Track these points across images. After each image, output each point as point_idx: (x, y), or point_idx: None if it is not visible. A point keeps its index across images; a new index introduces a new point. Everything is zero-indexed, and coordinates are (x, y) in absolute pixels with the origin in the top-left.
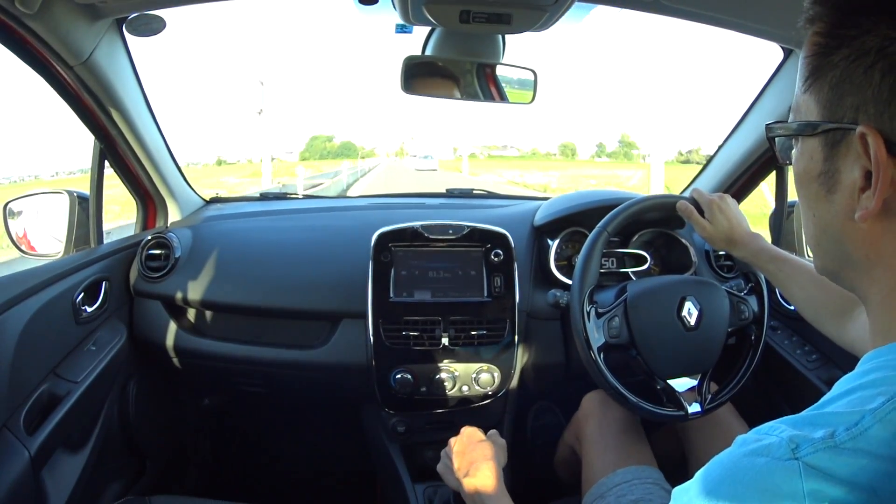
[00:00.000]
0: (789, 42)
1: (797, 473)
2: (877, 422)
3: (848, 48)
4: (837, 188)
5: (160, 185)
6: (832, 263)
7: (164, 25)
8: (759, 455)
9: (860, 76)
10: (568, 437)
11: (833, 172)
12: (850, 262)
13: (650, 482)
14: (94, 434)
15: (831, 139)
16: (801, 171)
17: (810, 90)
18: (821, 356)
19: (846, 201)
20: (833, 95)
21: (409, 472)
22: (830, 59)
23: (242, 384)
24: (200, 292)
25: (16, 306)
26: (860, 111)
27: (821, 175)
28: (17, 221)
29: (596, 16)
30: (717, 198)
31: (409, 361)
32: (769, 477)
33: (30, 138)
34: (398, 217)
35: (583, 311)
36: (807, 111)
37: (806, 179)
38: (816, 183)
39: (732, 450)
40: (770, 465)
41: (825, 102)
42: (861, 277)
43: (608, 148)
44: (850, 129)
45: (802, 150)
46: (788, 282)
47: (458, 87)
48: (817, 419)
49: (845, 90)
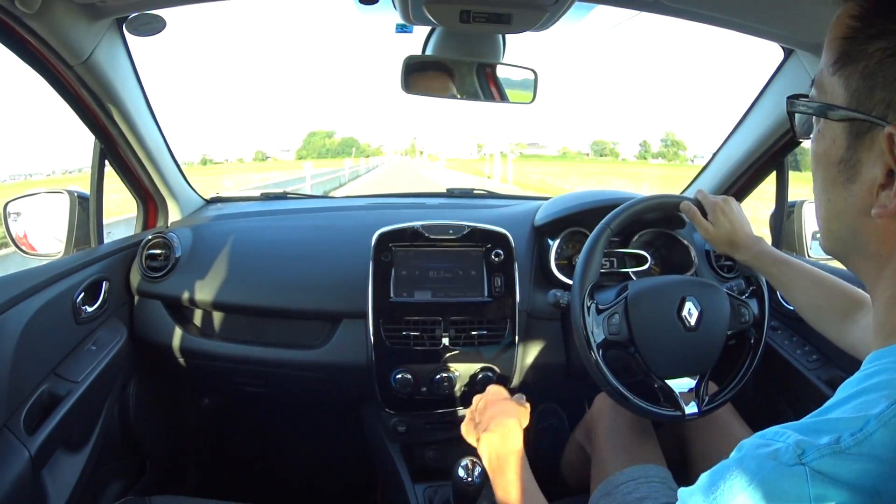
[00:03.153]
0: (789, 42)
1: (803, 478)
2: (881, 426)
3: (885, 40)
4: (857, 179)
5: (160, 184)
6: (841, 247)
7: (164, 25)
8: (766, 460)
9: (895, 74)
10: (578, 436)
11: (854, 162)
12: (861, 253)
13: (657, 481)
14: (94, 434)
15: (856, 129)
16: (822, 153)
17: (839, 73)
18: (821, 356)
19: (864, 195)
20: (863, 85)
21: (409, 472)
22: (864, 47)
23: (243, 384)
24: (201, 292)
25: (16, 306)
26: (891, 108)
27: (842, 162)
28: (18, 221)
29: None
30: (721, 200)
31: (409, 361)
32: (776, 482)
33: (24, 138)
34: (398, 217)
35: (583, 307)
36: (833, 93)
37: (825, 162)
38: (836, 169)
39: (738, 454)
40: (777, 469)
41: (854, 90)
42: (869, 271)
43: (652, 147)
44: (878, 123)
45: (824, 132)
46: (790, 285)
47: (459, 86)
48: (822, 425)
49: (877, 83)
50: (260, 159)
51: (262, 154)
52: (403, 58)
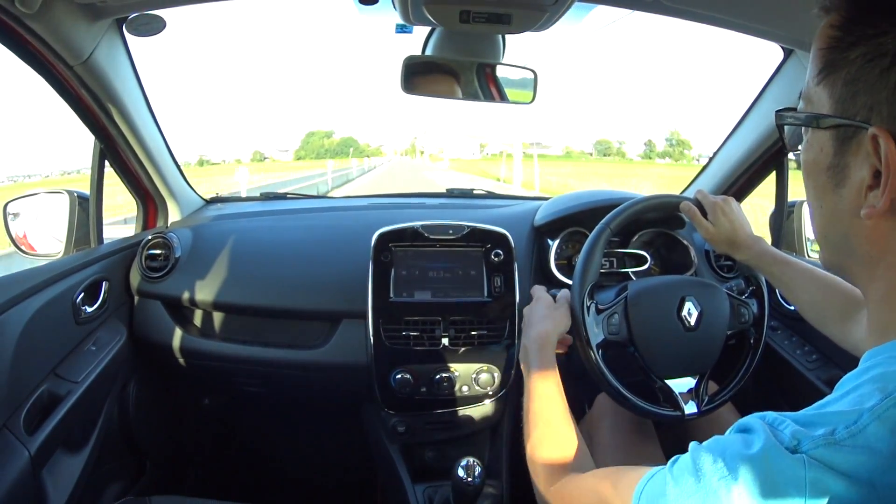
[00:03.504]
0: (789, 42)
1: (801, 463)
2: (874, 419)
3: (865, 46)
4: (846, 183)
5: (160, 184)
6: (837, 257)
7: (164, 25)
8: (762, 447)
9: (875, 77)
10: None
11: (842, 167)
12: (854, 256)
13: None
14: (94, 434)
15: (842, 134)
16: (811, 161)
17: (823, 83)
18: (821, 356)
19: (853, 197)
20: (846, 92)
21: (409, 473)
22: (846, 55)
23: (242, 384)
24: (200, 292)
25: (16, 306)
26: (874, 111)
27: (830, 168)
28: (18, 222)
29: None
30: (721, 200)
31: (409, 361)
32: (772, 464)
33: (22, 139)
34: (398, 217)
35: (583, 307)
36: (818, 103)
37: (815, 170)
38: (825, 175)
39: (736, 430)
40: (773, 452)
41: (838, 98)
42: (863, 273)
43: (657, 146)
44: (861, 127)
45: (812, 142)
46: (791, 284)
47: (458, 86)
48: (818, 419)
49: (859, 89)
50: (258, 160)
51: (259, 154)
52: (403, 58)
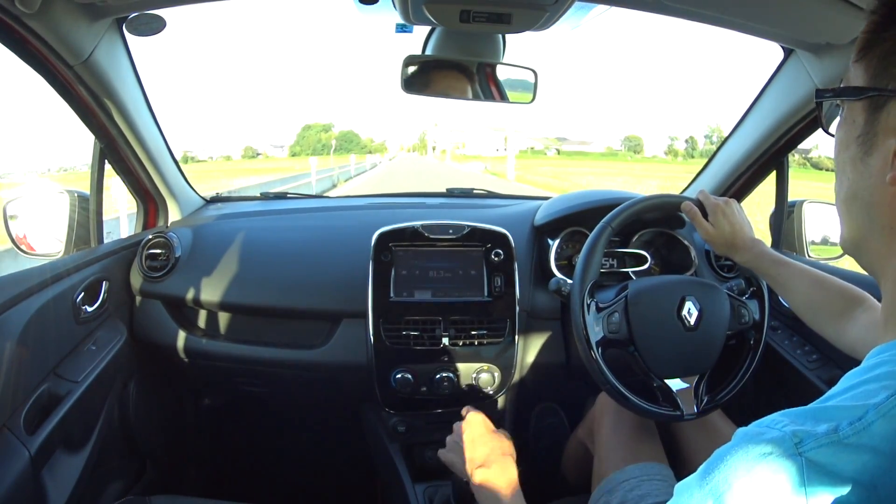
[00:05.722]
0: (789, 42)
1: (800, 469)
2: (880, 417)
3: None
4: (874, 151)
5: (160, 184)
6: (857, 232)
7: (164, 25)
8: (762, 450)
9: None
10: (581, 434)
11: (872, 135)
12: (874, 230)
13: (658, 479)
14: (94, 434)
15: (874, 104)
16: (844, 136)
17: (861, 61)
18: (821, 356)
19: (880, 165)
20: (880, 66)
21: (409, 472)
22: (882, 34)
23: (243, 384)
24: (201, 292)
25: (16, 306)
26: None
27: (860, 137)
28: (17, 221)
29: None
30: (723, 202)
31: (409, 361)
32: (771, 472)
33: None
34: (398, 217)
35: (583, 305)
36: (854, 78)
37: (846, 141)
38: (855, 145)
39: (734, 444)
40: (773, 460)
41: (873, 72)
42: (882, 249)
43: (698, 144)
44: (892, 95)
45: (846, 116)
46: (788, 285)
47: (458, 86)
48: (820, 413)
49: (891, 61)
50: (250, 156)
51: (252, 150)
52: (403, 58)
